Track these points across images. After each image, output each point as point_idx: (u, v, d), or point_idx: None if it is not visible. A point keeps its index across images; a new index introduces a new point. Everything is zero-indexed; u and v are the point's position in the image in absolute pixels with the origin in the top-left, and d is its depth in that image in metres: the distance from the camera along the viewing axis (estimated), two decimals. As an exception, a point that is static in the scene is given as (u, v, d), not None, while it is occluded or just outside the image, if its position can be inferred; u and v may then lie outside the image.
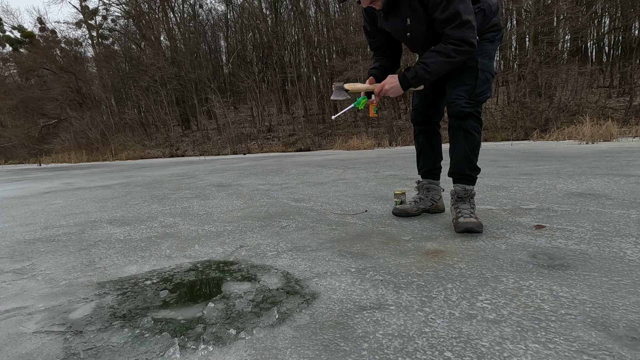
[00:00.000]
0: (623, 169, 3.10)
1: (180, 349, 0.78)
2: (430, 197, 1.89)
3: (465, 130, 1.57)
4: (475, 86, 1.54)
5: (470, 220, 1.49)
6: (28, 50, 24.77)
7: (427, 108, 1.83)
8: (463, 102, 1.54)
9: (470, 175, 1.62)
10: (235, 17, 21.30)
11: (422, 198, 1.89)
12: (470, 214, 1.54)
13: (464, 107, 1.54)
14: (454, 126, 1.60)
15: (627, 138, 7.45)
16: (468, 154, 1.59)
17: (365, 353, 0.73)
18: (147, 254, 1.50)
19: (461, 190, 1.61)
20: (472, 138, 1.58)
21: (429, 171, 1.89)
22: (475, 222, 1.49)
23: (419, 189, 1.93)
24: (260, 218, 2.06)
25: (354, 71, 13.04)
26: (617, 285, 0.96)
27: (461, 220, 1.50)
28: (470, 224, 1.47)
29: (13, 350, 0.82)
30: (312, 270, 1.20)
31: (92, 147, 19.40)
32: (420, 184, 1.92)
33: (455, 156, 1.62)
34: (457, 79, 1.58)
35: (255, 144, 15.54)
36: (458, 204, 1.61)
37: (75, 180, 5.74)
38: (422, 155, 1.89)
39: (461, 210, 1.57)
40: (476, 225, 1.47)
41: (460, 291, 0.98)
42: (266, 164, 6.86)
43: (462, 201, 1.61)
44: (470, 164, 1.60)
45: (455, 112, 1.57)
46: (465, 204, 1.59)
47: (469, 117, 1.55)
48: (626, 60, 12.83)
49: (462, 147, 1.59)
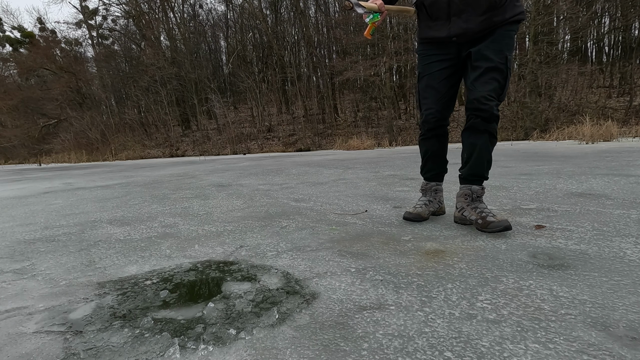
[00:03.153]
0: (623, 169, 3.10)
1: (180, 349, 0.78)
2: (438, 200, 1.83)
3: (491, 134, 1.52)
4: (505, 86, 1.48)
5: (501, 219, 1.44)
6: (28, 50, 24.77)
7: (445, 109, 1.69)
8: (494, 104, 1.47)
9: (485, 177, 1.60)
10: (235, 17, 21.31)
11: (431, 200, 1.81)
12: (490, 213, 1.51)
13: (495, 110, 1.47)
14: (480, 129, 1.51)
15: (627, 138, 7.45)
16: (489, 156, 1.55)
17: (365, 353, 0.73)
18: (147, 254, 1.50)
19: (479, 190, 1.57)
20: (494, 141, 1.55)
21: (437, 174, 1.82)
22: (506, 220, 1.45)
23: (426, 191, 1.84)
24: (260, 218, 2.06)
25: (354, 71, 13.04)
26: (617, 285, 0.96)
27: (491, 220, 1.45)
28: (505, 223, 1.42)
29: (13, 350, 0.82)
30: (312, 270, 1.20)
31: (92, 147, 19.41)
32: (428, 187, 1.83)
33: (477, 159, 1.55)
34: (486, 75, 1.47)
35: (255, 144, 15.54)
36: (476, 204, 1.56)
37: (75, 180, 5.74)
38: (431, 160, 1.79)
39: (483, 210, 1.52)
40: (506, 224, 1.43)
41: (460, 291, 0.98)
42: (266, 164, 6.86)
43: (479, 200, 1.58)
44: (489, 165, 1.58)
45: (486, 114, 1.48)
46: (482, 203, 1.57)
47: (495, 120, 1.50)
48: (626, 60, 12.83)
49: (487, 150, 1.53)
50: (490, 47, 1.46)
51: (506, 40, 1.46)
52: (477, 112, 1.49)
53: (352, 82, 16.31)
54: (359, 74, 12.90)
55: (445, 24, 1.53)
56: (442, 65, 1.62)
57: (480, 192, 1.57)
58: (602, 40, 14.80)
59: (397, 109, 15.41)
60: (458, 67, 1.61)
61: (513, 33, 1.48)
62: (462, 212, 1.61)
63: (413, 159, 5.80)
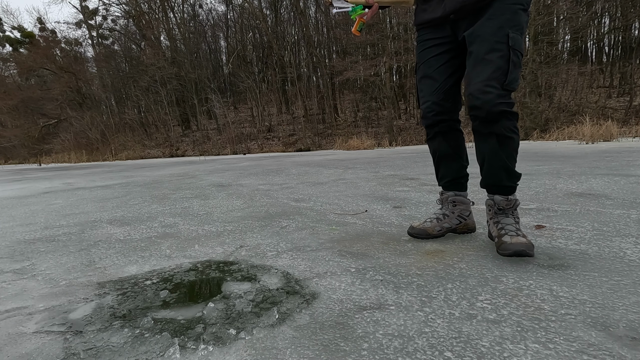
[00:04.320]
0: (623, 169, 3.10)
1: (180, 349, 0.78)
2: (458, 214, 1.49)
3: (500, 135, 1.22)
4: (508, 70, 1.16)
5: (519, 241, 1.15)
6: (28, 50, 24.78)
7: (445, 101, 1.39)
8: (494, 96, 1.16)
9: (510, 185, 1.28)
10: (235, 17, 21.32)
11: (447, 215, 1.48)
12: (516, 230, 1.22)
13: (496, 105, 1.17)
14: (483, 132, 1.25)
15: (627, 138, 7.45)
16: (505, 162, 1.24)
17: (365, 353, 0.73)
18: (147, 254, 1.50)
19: (502, 201, 1.28)
20: (509, 142, 1.23)
21: (452, 181, 1.49)
22: (526, 242, 1.15)
23: (443, 202, 1.52)
24: (260, 218, 2.06)
25: (354, 71, 13.04)
26: (617, 285, 0.96)
27: (507, 241, 1.17)
28: (520, 246, 1.13)
29: (13, 350, 0.82)
30: (312, 270, 1.20)
31: (92, 147, 19.41)
32: (444, 197, 1.52)
33: (489, 167, 1.29)
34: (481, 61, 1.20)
35: (255, 144, 15.54)
36: (499, 218, 1.28)
37: (75, 180, 5.74)
38: (442, 163, 1.49)
39: (504, 227, 1.24)
40: (527, 246, 1.14)
41: (460, 291, 0.98)
42: (266, 164, 6.86)
43: (504, 214, 1.28)
44: (509, 174, 1.27)
45: (482, 113, 1.20)
46: (508, 217, 1.27)
47: (502, 117, 1.19)
48: (626, 60, 12.83)
49: (497, 156, 1.24)
50: (486, 25, 1.19)
51: (507, 15, 1.18)
52: (473, 111, 1.24)
53: (352, 82, 16.31)
54: (359, 74, 12.90)
55: (439, 3, 1.32)
56: (438, 50, 1.37)
57: (504, 204, 1.28)
58: (602, 40, 14.80)
59: (397, 109, 15.41)
60: (457, 52, 1.36)
61: (517, 7, 1.18)
62: (488, 227, 1.35)
63: (413, 159, 5.80)
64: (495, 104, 1.17)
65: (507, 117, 1.20)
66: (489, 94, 1.17)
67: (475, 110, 1.23)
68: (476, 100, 1.20)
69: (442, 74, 1.37)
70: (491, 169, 1.29)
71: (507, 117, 1.20)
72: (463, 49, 1.33)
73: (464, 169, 1.50)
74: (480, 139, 1.30)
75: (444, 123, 1.43)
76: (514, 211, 1.29)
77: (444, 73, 1.37)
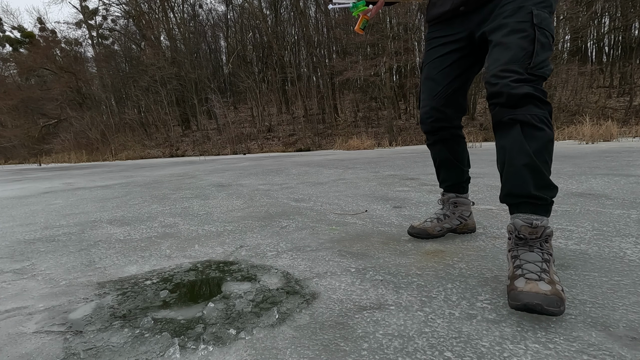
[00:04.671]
0: (623, 169, 3.10)
1: (180, 349, 0.78)
2: (459, 215, 1.46)
3: (525, 123, 0.97)
4: (533, 52, 0.96)
5: (536, 289, 0.81)
6: (28, 50, 24.78)
7: (446, 106, 1.29)
8: (515, 77, 0.96)
9: (539, 197, 0.96)
10: (235, 17, 21.32)
11: (448, 215, 1.46)
12: (539, 272, 0.87)
13: (518, 87, 0.95)
14: (503, 120, 1.00)
15: (627, 138, 7.45)
16: (533, 159, 0.95)
17: (365, 353, 0.73)
18: (147, 254, 1.50)
19: (525, 227, 0.94)
20: (539, 134, 0.96)
21: (453, 185, 1.46)
22: (546, 292, 0.80)
23: (444, 203, 1.49)
24: (260, 218, 2.06)
25: (354, 71, 13.04)
26: (617, 285, 0.96)
27: (519, 286, 0.84)
28: (534, 297, 0.79)
29: (13, 350, 0.82)
30: (312, 270, 1.20)
31: (92, 147, 19.42)
32: (445, 198, 1.49)
33: (509, 168, 1.00)
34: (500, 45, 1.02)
35: (255, 144, 15.54)
36: (519, 252, 0.94)
37: (75, 180, 5.74)
38: (442, 168, 1.45)
39: (522, 265, 0.90)
40: (546, 299, 0.78)
41: (460, 291, 0.98)
42: (266, 164, 6.86)
43: (527, 247, 0.94)
44: (538, 177, 0.96)
45: (502, 97, 0.98)
46: (532, 252, 0.92)
47: (527, 101, 0.96)
48: (626, 60, 12.84)
49: (521, 150, 0.96)
50: (503, 9, 1.03)
51: None
52: (492, 98, 1.02)
53: (352, 82, 16.31)
54: (359, 74, 12.91)
55: None
56: (445, 49, 1.25)
57: (526, 232, 0.93)
58: (602, 40, 14.81)
59: (397, 109, 15.41)
60: (468, 51, 1.22)
61: None
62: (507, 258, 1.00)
63: (413, 159, 5.80)
64: (517, 86, 0.96)
65: (534, 102, 0.96)
66: (507, 78, 0.97)
67: (493, 98, 1.02)
68: (492, 86, 1.01)
69: (446, 77, 1.26)
70: (512, 169, 0.98)
71: (534, 102, 0.96)
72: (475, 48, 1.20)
73: (465, 174, 1.45)
74: (502, 132, 1.03)
75: (444, 131, 1.35)
76: (544, 244, 0.93)
77: (448, 76, 1.26)
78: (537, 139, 0.96)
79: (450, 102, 1.29)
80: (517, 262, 0.92)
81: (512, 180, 0.99)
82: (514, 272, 0.91)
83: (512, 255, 0.96)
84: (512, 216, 1.01)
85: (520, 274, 0.88)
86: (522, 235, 0.95)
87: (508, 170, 1.00)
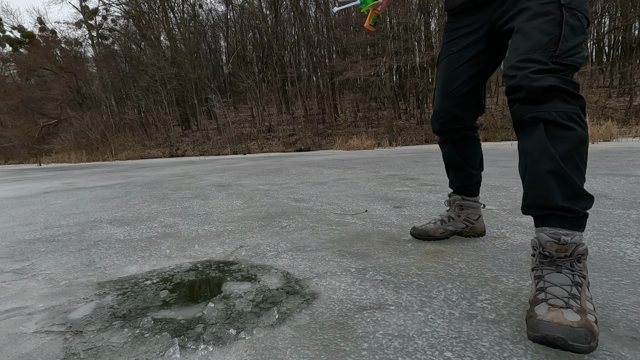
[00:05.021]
0: (623, 169, 3.10)
1: (180, 349, 0.78)
2: (464, 218, 1.39)
3: (549, 122, 0.83)
4: (560, 37, 0.83)
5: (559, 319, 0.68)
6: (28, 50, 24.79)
7: (459, 107, 1.20)
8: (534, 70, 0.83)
9: (569, 209, 0.81)
10: (235, 17, 21.33)
11: (453, 218, 1.40)
12: (566, 299, 0.73)
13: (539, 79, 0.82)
14: (524, 119, 0.87)
15: (627, 138, 7.45)
16: (559, 165, 0.81)
17: (365, 353, 0.73)
18: (147, 254, 1.50)
19: (551, 244, 0.80)
20: (567, 134, 0.82)
21: (460, 187, 1.39)
22: (572, 325, 0.67)
23: (450, 204, 1.43)
24: (260, 218, 2.06)
25: (354, 71, 13.04)
26: (617, 285, 0.96)
27: (540, 314, 0.71)
28: (556, 330, 0.67)
29: (13, 350, 0.82)
30: (312, 270, 1.20)
31: (92, 147, 19.43)
32: (452, 199, 1.42)
33: (532, 173, 0.86)
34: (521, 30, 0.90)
35: (255, 144, 15.54)
36: (543, 272, 0.81)
37: (75, 180, 5.74)
38: (450, 168, 1.39)
39: (547, 288, 0.77)
40: (572, 334, 0.66)
41: (460, 291, 0.98)
42: (266, 164, 6.86)
43: (554, 266, 0.80)
44: (567, 185, 0.82)
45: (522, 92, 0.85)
46: (560, 273, 0.79)
47: (552, 96, 0.82)
48: (626, 60, 12.84)
49: (545, 152, 0.83)
50: None
51: None
52: (510, 93, 0.89)
53: (352, 82, 16.32)
54: (359, 74, 12.91)
55: None
56: (463, 42, 1.13)
57: (553, 249, 0.80)
58: (602, 40, 14.81)
59: (397, 109, 15.41)
60: (488, 44, 1.10)
61: None
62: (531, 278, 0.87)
63: (413, 159, 5.80)
64: (538, 77, 0.82)
65: (561, 96, 0.82)
66: (527, 69, 0.84)
67: (512, 93, 0.89)
68: (510, 79, 0.88)
69: (461, 76, 1.16)
70: (534, 176, 0.85)
71: (561, 96, 0.82)
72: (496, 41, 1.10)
73: (474, 177, 1.36)
74: (523, 134, 0.90)
75: (453, 132, 1.28)
76: (575, 264, 0.79)
77: (464, 74, 1.16)
78: (565, 139, 0.82)
79: (463, 102, 1.21)
80: (541, 284, 0.79)
81: (535, 189, 0.86)
82: (535, 296, 0.78)
83: (536, 276, 0.82)
84: (536, 229, 0.88)
85: (543, 299, 0.75)
86: (547, 253, 0.81)
87: (530, 177, 0.87)
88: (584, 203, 0.83)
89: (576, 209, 0.82)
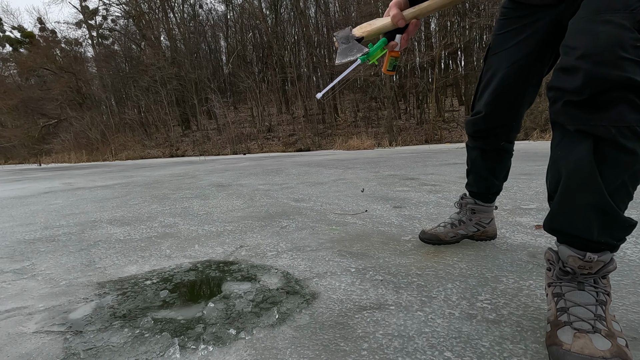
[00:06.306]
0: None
1: (180, 349, 0.78)
2: (476, 222, 1.32)
3: (602, 140, 0.62)
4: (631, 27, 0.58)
5: (590, 350, 0.59)
6: (28, 50, 24.80)
7: (502, 116, 1.04)
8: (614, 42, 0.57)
9: (605, 243, 0.68)
10: (235, 17, 21.33)
11: (464, 221, 1.32)
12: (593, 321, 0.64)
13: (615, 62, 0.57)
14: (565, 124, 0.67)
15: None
16: (605, 199, 0.64)
17: (365, 353, 0.73)
18: (147, 254, 1.50)
19: (575, 259, 0.69)
20: (621, 159, 0.62)
21: (478, 194, 1.29)
22: (606, 355, 0.58)
23: (461, 207, 1.34)
24: (260, 218, 2.06)
25: (354, 71, 13.04)
26: (617, 285, 0.96)
27: (566, 342, 0.62)
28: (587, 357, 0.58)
29: (13, 350, 0.82)
30: (312, 270, 1.20)
31: (92, 147, 19.44)
32: (464, 202, 1.33)
33: (566, 201, 0.69)
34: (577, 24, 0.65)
35: (255, 144, 15.54)
36: (563, 289, 0.71)
37: (75, 180, 5.74)
38: (472, 173, 1.27)
39: (569, 310, 0.67)
40: None
41: (460, 291, 0.98)
42: (266, 164, 6.86)
43: (575, 283, 0.71)
44: (609, 219, 0.66)
45: (574, 82, 0.61)
46: (582, 290, 0.69)
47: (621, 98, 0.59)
48: None
49: (588, 180, 0.64)
50: None
51: None
52: (551, 90, 0.68)
53: (352, 82, 16.32)
54: (359, 74, 12.91)
55: None
56: (521, 34, 0.92)
57: (575, 264, 0.69)
58: None
59: (397, 109, 15.42)
60: (549, 42, 0.90)
61: None
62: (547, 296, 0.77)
63: (413, 159, 5.81)
64: (613, 60, 0.56)
65: (632, 100, 0.58)
66: (601, 35, 0.58)
67: (554, 90, 0.67)
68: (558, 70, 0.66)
69: (521, 76, 0.96)
70: (569, 204, 0.69)
71: (632, 100, 0.58)
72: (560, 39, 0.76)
73: (495, 187, 1.25)
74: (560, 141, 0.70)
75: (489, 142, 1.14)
76: (600, 280, 0.70)
77: (524, 74, 0.96)
78: (619, 167, 0.61)
79: (515, 108, 1.03)
80: (562, 304, 0.69)
81: (566, 217, 0.70)
82: (557, 317, 0.68)
83: (554, 293, 0.71)
84: (560, 244, 0.73)
85: (566, 321, 0.66)
86: (569, 269, 0.70)
87: (563, 203, 0.70)
88: (624, 232, 0.68)
89: (610, 242, 0.68)
